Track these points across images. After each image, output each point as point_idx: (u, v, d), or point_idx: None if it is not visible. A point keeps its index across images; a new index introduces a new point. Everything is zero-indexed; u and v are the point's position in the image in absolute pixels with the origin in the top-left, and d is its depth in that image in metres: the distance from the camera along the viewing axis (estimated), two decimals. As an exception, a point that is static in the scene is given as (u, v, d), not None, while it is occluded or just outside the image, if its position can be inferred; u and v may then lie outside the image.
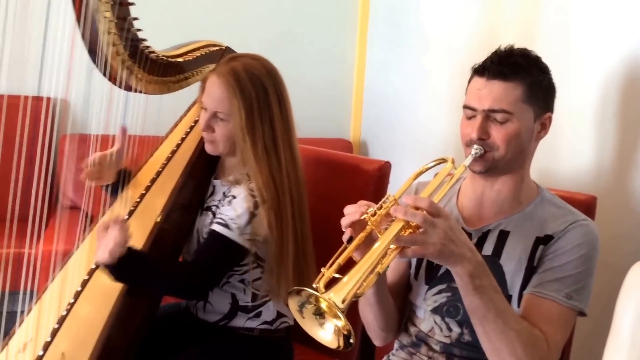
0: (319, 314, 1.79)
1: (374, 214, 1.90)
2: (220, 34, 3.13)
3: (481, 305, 1.95)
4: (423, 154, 4.09)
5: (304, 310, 1.81)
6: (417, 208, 1.86)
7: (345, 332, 1.75)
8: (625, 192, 2.62)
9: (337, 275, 1.79)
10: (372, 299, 2.19)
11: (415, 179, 2.21)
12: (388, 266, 1.84)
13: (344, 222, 1.95)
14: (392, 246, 1.82)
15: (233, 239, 2.48)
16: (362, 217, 1.91)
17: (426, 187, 2.09)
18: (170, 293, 2.59)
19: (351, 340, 1.76)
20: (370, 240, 1.89)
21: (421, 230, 1.84)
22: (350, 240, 1.91)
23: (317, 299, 1.75)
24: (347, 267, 1.82)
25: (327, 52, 5.21)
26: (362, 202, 1.97)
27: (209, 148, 2.66)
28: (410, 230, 1.85)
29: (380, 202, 1.93)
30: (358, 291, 1.75)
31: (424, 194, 2.04)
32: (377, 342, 2.41)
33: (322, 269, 1.82)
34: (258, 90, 2.55)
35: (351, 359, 2.99)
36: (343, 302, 1.70)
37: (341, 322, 1.73)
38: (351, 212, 1.95)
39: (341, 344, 1.78)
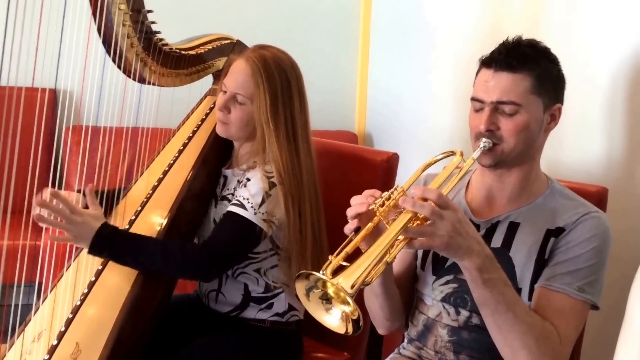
0: (326, 299, 1.80)
1: (382, 205, 1.90)
2: (227, 28, 3.14)
3: (491, 299, 1.95)
4: (429, 147, 4.10)
5: (311, 295, 1.82)
6: (425, 199, 1.86)
7: (355, 317, 1.76)
8: (637, 183, 2.61)
9: (344, 264, 1.80)
10: (379, 289, 2.19)
11: (423, 170, 2.21)
12: (395, 256, 1.84)
13: (350, 212, 1.95)
14: (400, 237, 1.83)
15: (248, 218, 2.50)
16: (370, 208, 1.91)
17: (435, 179, 2.09)
18: (178, 270, 2.55)
19: (360, 324, 1.76)
20: (377, 231, 1.90)
21: (429, 222, 1.85)
22: (357, 230, 1.91)
23: (324, 284, 1.76)
24: (354, 257, 1.83)
25: (331, 44, 5.20)
26: (367, 193, 1.97)
27: (220, 129, 2.69)
28: (418, 222, 1.86)
29: (389, 193, 1.93)
30: (366, 279, 1.75)
31: (433, 186, 2.04)
32: (381, 330, 2.42)
33: (330, 257, 1.83)
34: (283, 81, 2.58)
35: (360, 352, 2.99)
36: (352, 287, 1.71)
37: (349, 307, 1.74)
38: (358, 203, 1.95)
39: (349, 329, 1.79)
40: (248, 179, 2.58)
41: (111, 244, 2.39)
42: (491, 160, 2.15)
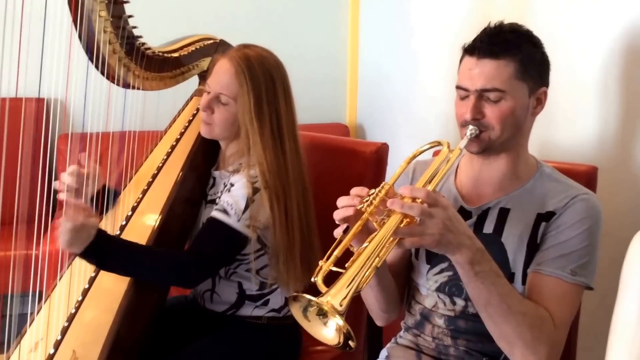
0: (322, 314, 1.79)
1: (370, 204, 1.90)
2: (213, 25, 3.15)
3: (484, 291, 1.95)
4: (420, 134, 4.10)
5: (308, 314, 1.81)
6: (414, 198, 1.87)
7: (345, 332, 1.75)
8: (626, 161, 2.61)
9: (335, 269, 1.81)
10: (373, 281, 2.15)
11: (409, 162, 2.20)
12: (384, 259, 1.84)
13: (338, 216, 1.94)
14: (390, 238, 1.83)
15: (231, 225, 2.50)
16: (359, 208, 1.90)
17: (424, 174, 2.08)
18: (163, 278, 2.56)
19: (350, 343, 1.76)
20: (366, 229, 1.90)
21: (419, 221, 1.85)
22: (346, 229, 1.90)
23: (317, 302, 1.76)
24: (345, 258, 1.84)
25: (320, 37, 5.20)
26: (354, 192, 1.96)
27: (204, 130, 2.69)
28: (407, 220, 1.85)
29: (376, 191, 1.93)
30: (357, 289, 1.76)
31: (420, 182, 2.04)
32: (379, 322, 2.42)
33: (320, 262, 1.84)
34: (267, 79, 2.58)
35: (358, 343, 2.98)
36: (341, 305, 1.71)
37: (342, 322, 1.73)
38: (344, 207, 1.94)
39: (341, 340, 1.78)
40: (232, 184, 2.58)
41: (101, 251, 2.37)
42: (478, 147, 2.15)
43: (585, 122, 2.77)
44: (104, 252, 2.37)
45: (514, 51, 2.10)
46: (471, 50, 2.15)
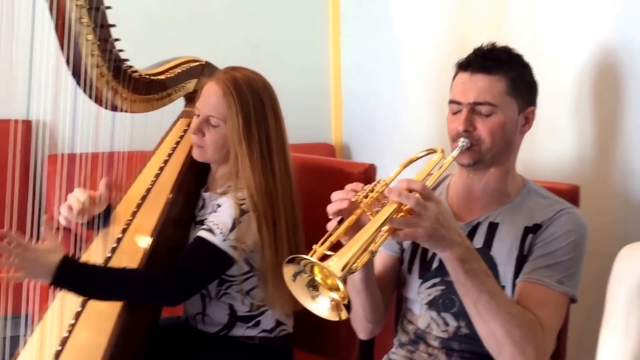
0: (313, 286, 1.81)
1: (366, 196, 1.93)
2: (197, 49, 3.14)
3: (473, 289, 1.98)
4: (407, 154, 4.10)
5: (298, 279, 1.82)
6: (410, 191, 1.90)
7: (345, 302, 1.77)
8: (607, 179, 2.65)
9: (328, 253, 1.81)
10: (360, 285, 2.19)
11: (405, 167, 2.24)
12: (380, 246, 1.85)
13: (331, 209, 1.96)
14: (384, 228, 1.85)
15: (216, 244, 2.49)
16: (354, 200, 1.93)
17: (417, 174, 2.12)
18: (144, 295, 2.52)
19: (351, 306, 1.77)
20: (358, 225, 1.91)
21: (413, 213, 1.88)
22: (340, 222, 1.92)
23: (312, 269, 1.78)
24: (336, 249, 1.83)
25: (302, 58, 5.17)
26: (349, 187, 1.99)
27: (196, 153, 2.69)
28: (402, 214, 1.88)
29: (372, 185, 1.96)
30: (353, 266, 1.76)
31: (416, 179, 2.06)
32: (362, 334, 2.41)
33: (314, 246, 1.84)
34: (255, 101, 2.58)
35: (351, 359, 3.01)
36: (342, 269, 1.72)
37: (338, 293, 1.76)
38: (339, 199, 1.97)
39: (343, 316, 1.80)
40: (219, 205, 2.58)
41: (72, 277, 2.34)
42: (470, 159, 2.20)
43: (565, 141, 2.82)
44: (75, 276, 2.34)
45: (506, 68, 2.18)
46: (465, 65, 2.23)
